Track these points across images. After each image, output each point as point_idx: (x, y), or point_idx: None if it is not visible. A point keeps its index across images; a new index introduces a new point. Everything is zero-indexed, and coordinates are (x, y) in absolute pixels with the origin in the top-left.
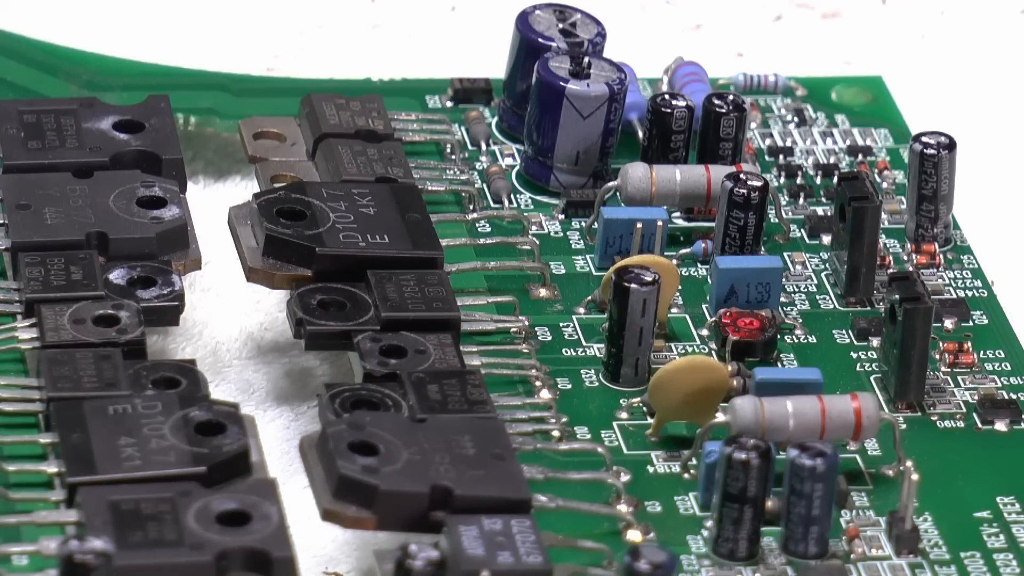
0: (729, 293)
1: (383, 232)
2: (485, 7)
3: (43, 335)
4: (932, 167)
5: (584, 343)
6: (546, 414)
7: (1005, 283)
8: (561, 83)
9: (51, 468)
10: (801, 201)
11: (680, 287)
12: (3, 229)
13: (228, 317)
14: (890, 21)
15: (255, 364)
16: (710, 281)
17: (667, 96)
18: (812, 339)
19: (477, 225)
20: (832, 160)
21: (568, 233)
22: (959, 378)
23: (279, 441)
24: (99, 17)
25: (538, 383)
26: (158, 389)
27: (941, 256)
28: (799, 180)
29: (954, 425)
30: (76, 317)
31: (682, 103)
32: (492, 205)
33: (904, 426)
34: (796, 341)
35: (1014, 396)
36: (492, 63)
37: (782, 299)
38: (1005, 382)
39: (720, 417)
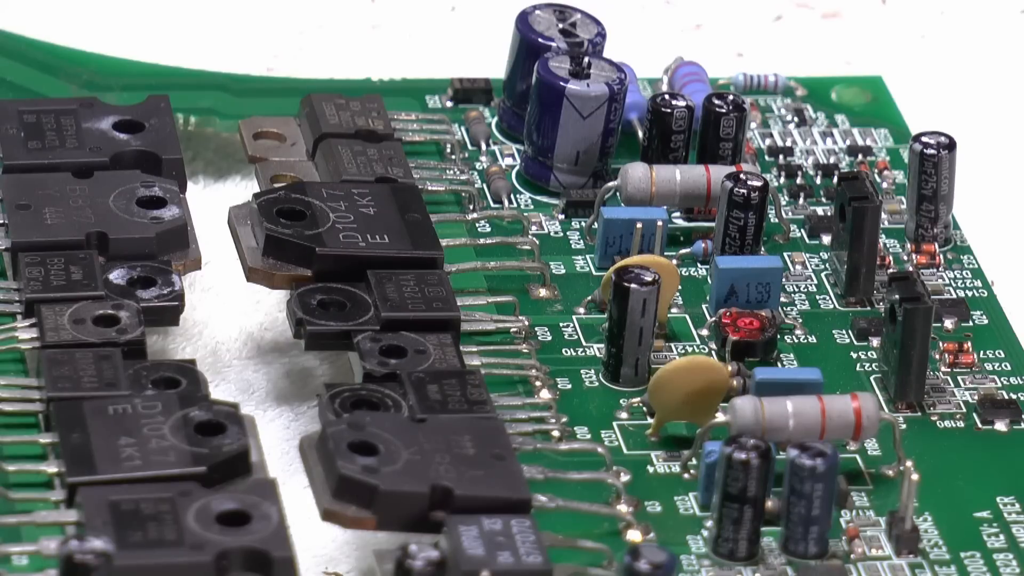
0: (729, 293)
1: (383, 232)
2: (485, 7)
3: (43, 335)
4: (932, 167)
5: (584, 343)
6: (546, 414)
7: (1005, 283)
8: (561, 83)
9: (51, 468)
10: (801, 201)
11: (680, 287)
12: (3, 229)
13: (228, 317)
14: (890, 21)
15: (255, 364)
16: (710, 281)
17: (667, 96)
18: (812, 339)
19: (477, 225)
20: (832, 160)
21: (568, 233)
22: (959, 378)
23: (279, 441)
24: (99, 17)
25: (538, 383)
26: (158, 389)
27: (941, 256)
28: (799, 180)
29: (954, 425)
30: (76, 317)
31: (682, 103)
32: (492, 205)
33: (904, 426)
34: (796, 341)
35: (1014, 396)
36: (492, 63)
37: (782, 299)
38: (1005, 382)
39: (720, 417)
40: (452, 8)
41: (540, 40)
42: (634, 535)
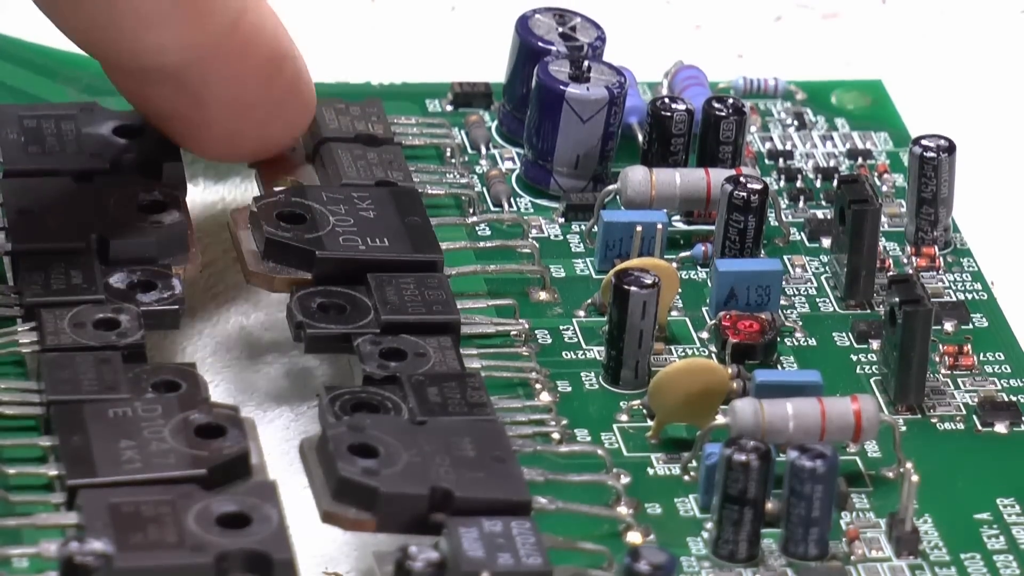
0: (729, 296)
1: (383, 235)
2: (485, 11)
3: (43, 339)
4: (932, 170)
5: (584, 346)
6: (546, 416)
7: (1005, 286)
8: (561, 87)
9: (51, 471)
10: (801, 204)
11: (680, 290)
12: (4, 233)
13: (228, 318)
14: (890, 22)
15: (255, 365)
16: (710, 284)
17: (667, 99)
18: (812, 342)
19: (477, 228)
20: (832, 163)
21: (568, 236)
22: (959, 380)
23: (279, 442)
24: None
25: (538, 386)
26: (158, 392)
27: (941, 259)
28: (799, 183)
29: (954, 427)
30: (76, 321)
31: (682, 106)
32: (492, 208)
33: (904, 428)
34: (796, 344)
35: (1014, 398)
36: (492, 67)
37: (782, 302)
38: (1005, 384)
39: (720, 419)
40: (452, 7)
41: (540, 44)
42: (634, 537)
